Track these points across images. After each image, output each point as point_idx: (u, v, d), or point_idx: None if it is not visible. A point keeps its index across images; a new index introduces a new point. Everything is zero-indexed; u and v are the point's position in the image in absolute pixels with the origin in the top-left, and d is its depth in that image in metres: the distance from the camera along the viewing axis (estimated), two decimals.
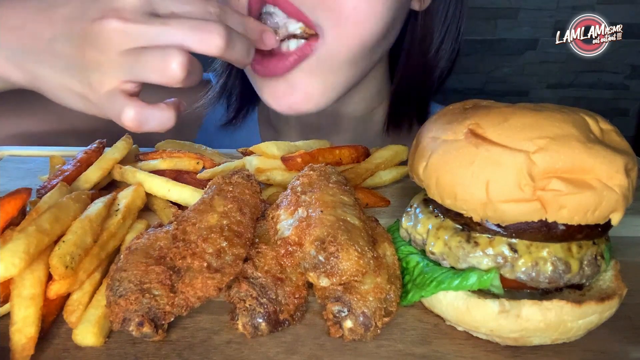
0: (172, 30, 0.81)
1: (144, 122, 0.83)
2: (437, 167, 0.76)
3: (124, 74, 0.82)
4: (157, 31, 0.81)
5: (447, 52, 1.46)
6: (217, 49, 0.83)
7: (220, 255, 0.75)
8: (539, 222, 0.70)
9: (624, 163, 0.70)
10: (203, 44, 0.82)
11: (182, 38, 0.81)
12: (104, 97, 0.83)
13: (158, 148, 1.19)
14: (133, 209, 0.94)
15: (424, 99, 1.58)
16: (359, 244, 0.74)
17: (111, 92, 0.83)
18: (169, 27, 0.81)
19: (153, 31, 0.81)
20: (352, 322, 0.73)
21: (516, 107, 0.75)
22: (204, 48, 0.82)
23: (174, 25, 0.81)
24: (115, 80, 0.82)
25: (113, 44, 0.81)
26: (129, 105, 0.81)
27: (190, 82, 0.84)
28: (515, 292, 0.75)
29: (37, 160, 1.28)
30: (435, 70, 1.48)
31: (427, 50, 1.44)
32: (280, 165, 1.08)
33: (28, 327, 0.69)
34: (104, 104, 0.84)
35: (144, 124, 0.83)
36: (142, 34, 0.81)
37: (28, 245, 0.71)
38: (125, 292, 0.72)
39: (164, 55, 0.80)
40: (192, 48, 0.82)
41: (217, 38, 0.82)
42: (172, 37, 0.81)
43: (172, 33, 0.81)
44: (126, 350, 0.72)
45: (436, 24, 1.41)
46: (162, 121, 0.84)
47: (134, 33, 0.80)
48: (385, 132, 1.57)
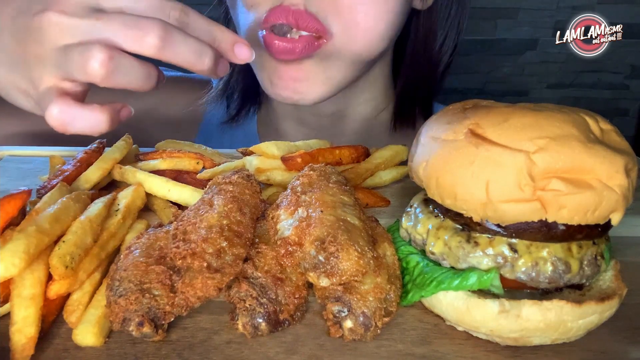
0: (103, 26, 0.76)
1: (68, 122, 0.78)
2: (437, 167, 0.76)
3: (58, 71, 0.79)
4: (88, 26, 0.77)
5: (450, 49, 1.48)
6: (150, 48, 0.77)
7: (220, 255, 0.75)
8: (539, 222, 0.70)
9: (624, 163, 0.70)
10: (135, 41, 0.77)
11: (112, 34, 0.76)
12: (41, 93, 0.80)
13: (158, 148, 1.19)
14: (133, 209, 0.94)
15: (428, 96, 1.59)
16: (359, 244, 0.74)
17: (48, 89, 0.79)
18: (101, 22, 0.77)
19: (84, 26, 0.77)
20: (352, 322, 0.73)
21: (516, 107, 0.75)
22: (137, 46, 0.78)
23: (107, 20, 0.77)
24: (52, 77, 0.79)
25: (50, 38, 0.78)
26: (55, 102, 0.77)
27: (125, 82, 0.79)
28: (515, 292, 0.75)
29: (37, 160, 1.28)
30: (439, 67, 1.50)
31: (431, 47, 1.45)
32: (280, 165, 1.08)
33: (28, 327, 0.69)
34: (40, 101, 0.80)
35: (68, 124, 0.78)
36: (74, 28, 0.77)
37: (28, 245, 0.71)
38: (125, 292, 0.72)
39: (84, 52, 0.75)
40: (123, 46, 0.77)
41: (151, 36, 0.76)
42: (102, 33, 0.77)
43: (102, 29, 0.76)
44: (126, 350, 0.72)
45: (440, 21, 1.42)
46: (91, 123, 0.78)
47: (68, 27, 0.77)
48: (392, 129, 1.58)
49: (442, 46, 1.47)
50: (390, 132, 1.58)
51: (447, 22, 1.44)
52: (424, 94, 1.57)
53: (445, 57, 1.49)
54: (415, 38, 1.45)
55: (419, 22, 1.43)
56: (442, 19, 1.43)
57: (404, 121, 1.57)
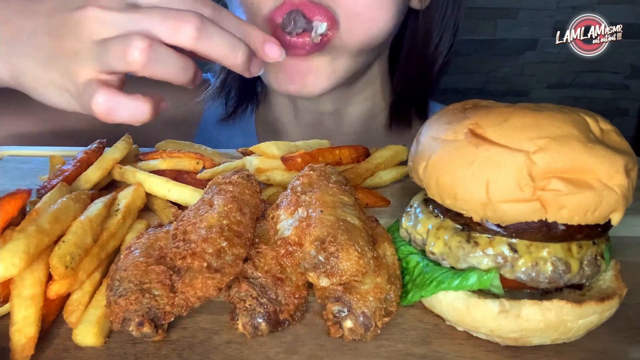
0: (141, 19, 0.79)
1: (114, 110, 0.79)
2: (437, 167, 0.76)
3: (97, 64, 0.80)
4: (128, 19, 0.80)
5: (446, 49, 1.48)
6: (188, 39, 0.80)
7: (220, 255, 0.75)
8: (539, 222, 0.70)
9: (624, 163, 0.70)
10: (173, 32, 0.79)
11: (150, 25, 0.79)
12: (81, 87, 0.81)
13: (158, 148, 1.19)
14: (133, 209, 0.94)
15: (424, 95, 1.59)
16: (359, 244, 0.74)
17: (88, 81, 0.81)
18: (139, 15, 0.80)
19: (123, 19, 0.80)
20: (352, 322, 0.73)
21: (516, 107, 0.75)
22: (174, 38, 0.80)
23: (145, 13, 0.80)
24: (91, 70, 0.81)
25: (88, 33, 0.80)
26: (100, 91, 0.79)
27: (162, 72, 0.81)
28: (515, 292, 0.75)
29: (37, 160, 1.28)
30: (434, 67, 1.51)
31: (426, 47, 1.46)
32: (280, 165, 1.08)
33: (28, 327, 0.69)
34: (81, 94, 0.82)
35: (114, 112, 0.80)
36: (114, 21, 0.80)
37: (28, 245, 0.71)
38: (125, 292, 0.72)
39: (125, 41, 0.78)
40: (161, 37, 0.79)
41: (188, 27, 0.79)
42: (141, 25, 0.79)
43: (141, 21, 0.79)
44: (126, 350, 0.72)
45: (436, 21, 1.43)
46: (136, 113, 0.80)
47: (107, 21, 0.80)
48: (388, 128, 1.58)
49: (438, 46, 1.48)
50: (387, 131, 1.59)
51: (442, 23, 1.45)
52: (420, 93, 1.58)
53: (441, 57, 1.50)
54: (411, 38, 1.46)
55: (416, 21, 1.43)
56: (437, 19, 1.44)
57: (400, 120, 1.58)
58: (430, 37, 1.45)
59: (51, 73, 0.84)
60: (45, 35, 0.84)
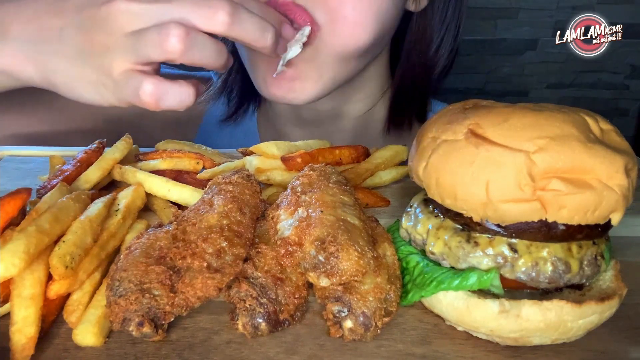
0: (174, 8, 0.81)
1: (162, 96, 0.82)
2: (437, 167, 0.76)
3: (132, 55, 0.82)
4: (160, 9, 0.81)
5: (447, 51, 1.47)
6: (221, 25, 0.82)
7: (220, 255, 0.75)
8: (539, 222, 0.70)
9: (624, 163, 0.70)
10: (207, 19, 0.81)
11: (184, 14, 0.80)
12: (119, 79, 0.83)
13: (158, 148, 1.19)
14: (133, 209, 0.94)
15: (423, 97, 1.59)
16: (359, 244, 0.74)
17: (125, 73, 0.82)
18: (171, 4, 0.81)
19: (156, 9, 0.81)
20: (352, 322, 0.73)
21: (516, 107, 0.75)
22: (208, 24, 0.81)
23: (177, 2, 0.81)
24: (125, 62, 0.82)
25: (119, 26, 0.81)
26: (146, 80, 0.81)
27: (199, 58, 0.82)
28: (515, 292, 0.75)
29: (37, 160, 1.28)
30: (434, 69, 1.50)
31: (426, 49, 1.45)
32: (280, 165, 1.08)
33: (28, 327, 0.69)
34: (120, 86, 0.83)
35: (162, 99, 0.82)
36: (145, 13, 0.81)
37: (28, 245, 0.71)
38: (125, 292, 0.72)
39: (161, 30, 0.79)
40: (195, 24, 0.81)
41: (221, 13, 0.81)
42: (174, 13, 0.81)
43: (174, 10, 0.81)
44: (126, 350, 0.72)
45: (436, 23, 1.42)
46: (182, 97, 0.84)
47: (138, 12, 0.81)
48: (386, 131, 1.58)
49: (439, 49, 1.46)
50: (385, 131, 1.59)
51: (443, 25, 1.43)
52: (420, 94, 1.57)
53: (442, 60, 1.49)
54: (409, 40, 1.45)
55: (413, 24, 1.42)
56: (437, 22, 1.42)
57: (399, 121, 1.58)
58: (429, 40, 1.44)
59: (83, 69, 0.85)
60: (75, 31, 0.84)
